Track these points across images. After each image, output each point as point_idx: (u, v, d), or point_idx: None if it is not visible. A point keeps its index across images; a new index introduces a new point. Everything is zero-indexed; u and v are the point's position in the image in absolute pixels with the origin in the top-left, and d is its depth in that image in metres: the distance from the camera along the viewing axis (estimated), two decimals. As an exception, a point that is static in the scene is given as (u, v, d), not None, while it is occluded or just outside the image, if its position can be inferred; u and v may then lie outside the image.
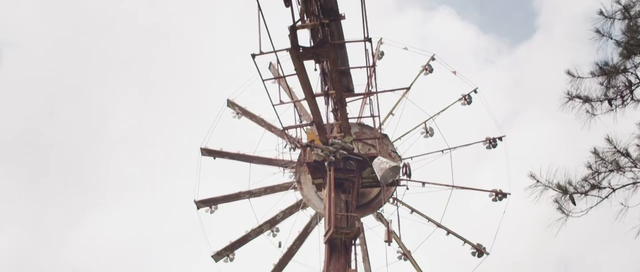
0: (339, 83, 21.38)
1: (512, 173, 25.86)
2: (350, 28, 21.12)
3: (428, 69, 27.80)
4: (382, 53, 28.21)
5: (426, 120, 26.64)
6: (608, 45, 12.07)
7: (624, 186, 10.88)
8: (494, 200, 25.78)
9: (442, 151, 26.20)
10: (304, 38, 19.28)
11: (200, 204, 26.72)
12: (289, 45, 17.97)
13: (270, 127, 26.73)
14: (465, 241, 25.75)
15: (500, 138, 26.39)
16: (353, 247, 22.93)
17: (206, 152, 26.94)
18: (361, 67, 22.82)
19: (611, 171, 10.87)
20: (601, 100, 12.03)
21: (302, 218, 26.45)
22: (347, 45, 21.67)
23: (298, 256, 26.16)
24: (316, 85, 22.07)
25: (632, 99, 11.97)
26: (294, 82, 21.43)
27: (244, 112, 27.78)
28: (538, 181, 10.83)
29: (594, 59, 12.19)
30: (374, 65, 23.34)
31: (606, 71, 11.90)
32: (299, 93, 22.64)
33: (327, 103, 23.26)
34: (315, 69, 21.90)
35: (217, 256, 26.32)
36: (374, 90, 24.03)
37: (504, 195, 25.65)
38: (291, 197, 26.39)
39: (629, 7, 11.80)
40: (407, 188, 25.19)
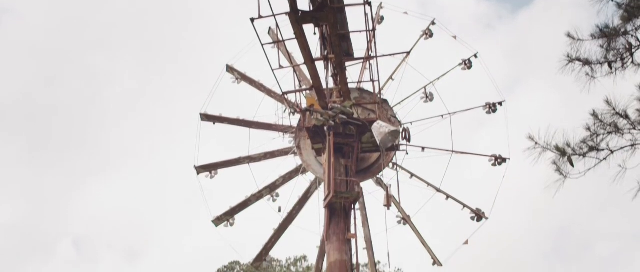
0: (338, 47, 21.28)
1: (511, 138, 25.89)
2: (350, -8, 21.01)
3: (428, 34, 27.67)
4: (382, 18, 28.04)
5: (426, 86, 26.58)
6: (609, 8, 11.98)
7: (622, 148, 10.88)
8: (494, 165, 25.83)
9: (442, 116, 26.20)
10: (304, 2, 19.18)
11: (200, 169, 26.77)
12: (288, 9, 17.86)
13: (269, 93, 26.68)
14: (465, 205, 25.86)
15: (500, 103, 26.35)
16: (353, 212, 23.02)
17: (206, 117, 26.90)
18: (361, 32, 22.73)
19: (610, 133, 10.86)
20: (601, 63, 11.96)
21: (302, 183, 26.55)
22: (346, 9, 21.56)
23: (298, 220, 26.31)
24: (316, 49, 21.99)
25: (632, 61, 11.91)
26: (294, 47, 21.35)
27: (243, 78, 27.70)
28: (536, 143, 10.83)
29: (595, 23, 12.12)
30: (373, 29, 23.20)
31: (606, 33, 11.82)
32: (299, 58, 22.57)
33: (326, 68, 23.19)
34: (315, 34, 21.83)
35: (218, 221, 26.45)
36: (373, 54, 23.94)
37: (504, 160, 25.71)
38: (291, 162, 26.46)
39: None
40: (407, 153, 25.25)
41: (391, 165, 25.68)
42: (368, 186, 25.90)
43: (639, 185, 11.13)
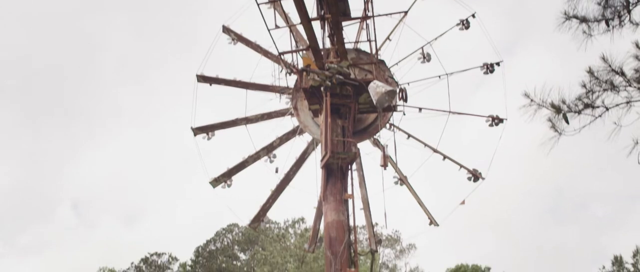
0: (335, 7, 21.12)
1: (509, 99, 25.83)
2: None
3: (426, -7, 27.42)
4: (379, -23, 27.79)
5: (423, 46, 26.44)
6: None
7: (617, 105, 10.84)
8: (491, 125, 25.82)
9: (439, 76, 26.10)
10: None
11: (197, 130, 26.75)
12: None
13: (266, 53, 26.54)
14: (461, 166, 25.91)
15: (498, 63, 26.23)
16: (349, 172, 23.10)
17: (202, 79, 26.79)
18: (358, -9, 22.55)
19: (605, 90, 10.81)
20: (598, 21, 11.85)
21: (299, 144, 26.57)
22: (343, -32, 21.34)
23: (295, 181, 26.39)
24: (312, 9, 21.81)
25: (629, 19, 11.80)
26: (290, 7, 21.18)
27: (239, 39, 27.53)
28: (532, 100, 10.79)
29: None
30: (370, -11, 23.01)
31: (604, -10, 11.70)
32: (295, 18, 22.39)
33: (323, 28, 23.02)
34: (311, -7, 21.61)
35: (215, 182, 26.51)
36: (370, 14, 23.77)
37: (501, 120, 25.68)
38: (288, 123, 26.45)
39: None
40: (404, 114, 25.21)
41: (388, 126, 25.67)
42: (365, 147, 25.97)
43: (634, 142, 11.12)
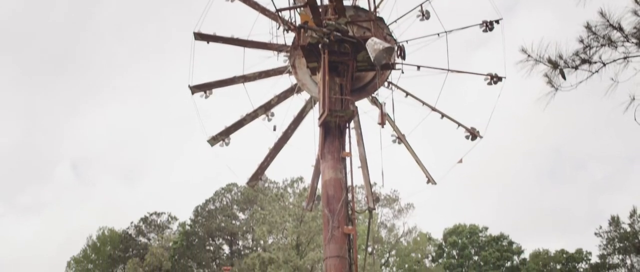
0: (332, -37, 20.95)
1: (508, 57, 25.71)
2: None
3: (425, -50, 27.08)
4: None
5: (422, 3, 26.18)
6: None
7: (614, 60, 10.78)
8: (489, 84, 25.72)
9: (438, 34, 25.92)
10: None
11: (195, 89, 26.65)
12: None
13: (263, 10, 26.29)
14: (459, 124, 25.91)
15: (497, 21, 26.02)
16: (347, 130, 23.13)
17: (199, 36, 26.59)
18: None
19: (603, 45, 10.74)
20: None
21: (297, 102, 26.53)
22: None
23: (293, 140, 26.40)
24: (310, -35, 21.55)
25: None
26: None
27: (237, -5, 27.26)
28: (529, 55, 10.74)
29: None
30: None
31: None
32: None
33: (321, -16, 22.84)
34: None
35: (213, 141, 26.52)
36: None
37: (499, 78, 25.58)
38: (286, 81, 26.35)
39: None
40: (402, 72, 25.06)
41: (386, 84, 25.59)
42: (363, 105, 25.89)
43: (630, 98, 11.09)
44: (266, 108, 26.45)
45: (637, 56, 10.80)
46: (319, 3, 22.04)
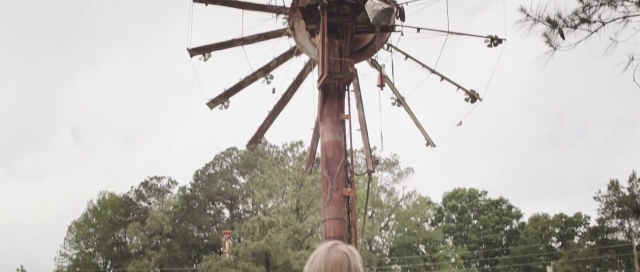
0: None
1: (508, 19, 25.55)
2: None
3: None
4: None
5: (422, -35, 25.98)
6: None
7: (614, 20, 10.70)
8: (489, 46, 25.60)
9: (438, -5, 25.73)
10: None
11: (194, 51, 26.52)
12: None
13: (262, -28, 26.10)
14: (459, 86, 25.86)
15: (498, -17, 25.86)
16: (347, 93, 23.10)
17: (198, -2, 26.39)
18: None
19: (602, 4, 10.66)
20: None
21: (296, 65, 26.45)
22: None
23: (292, 102, 26.37)
24: None
25: None
26: None
27: (235, -43, 27.00)
28: (528, 15, 10.66)
29: None
30: None
31: None
32: None
33: (320, -56, 22.60)
34: None
35: (212, 104, 26.47)
36: None
37: (500, 41, 25.45)
38: (285, 43, 26.22)
39: None
40: (402, 34, 24.94)
41: (386, 46, 25.49)
42: (363, 68, 25.82)
43: (629, 58, 11.05)
44: (265, 71, 26.34)
45: (636, 15, 10.72)
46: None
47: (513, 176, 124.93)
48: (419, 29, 25.19)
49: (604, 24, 10.81)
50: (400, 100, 26.04)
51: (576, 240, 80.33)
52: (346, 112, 22.86)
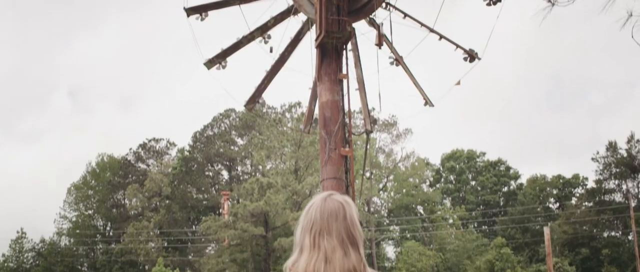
0: None
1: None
2: None
3: None
4: None
5: None
6: None
7: (614, -27, 10.56)
8: (488, 5, 25.33)
9: (437, -47, 25.41)
10: None
11: (190, 11, 26.23)
12: None
13: None
14: (458, 46, 25.63)
15: (498, -60, 25.48)
16: (344, 52, 22.92)
17: (194, -43, 26.08)
18: None
19: (603, -43, 10.51)
20: None
21: (293, 24, 26.17)
22: None
23: (290, 62, 26.16)
24: None
25: None
26: None
27: None
28: (528, -30, 10.52)
29: None
30: None
31: None
32: None
33: None
34: None
35: (210, 64, 26.28)
36: None
37: (499, -1, 25.21)
38: (282, 2, 25.93)
39: None
40: (400, -8, 24.70)
41: (384, 5, 25.21)
42: (361, 27, 25.57)
43: (628, 14, 10.92)
44: (263, 30, 26.09)
45: (637, -31, 10.56)
46: None
47: (511, 137, 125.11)
48: (417, -12, 24.95)
49: (604, -22, 10.64)
50: (398, 60, 25.85)
51: (574, 201, 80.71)
52: (344, 72, 22.69)
